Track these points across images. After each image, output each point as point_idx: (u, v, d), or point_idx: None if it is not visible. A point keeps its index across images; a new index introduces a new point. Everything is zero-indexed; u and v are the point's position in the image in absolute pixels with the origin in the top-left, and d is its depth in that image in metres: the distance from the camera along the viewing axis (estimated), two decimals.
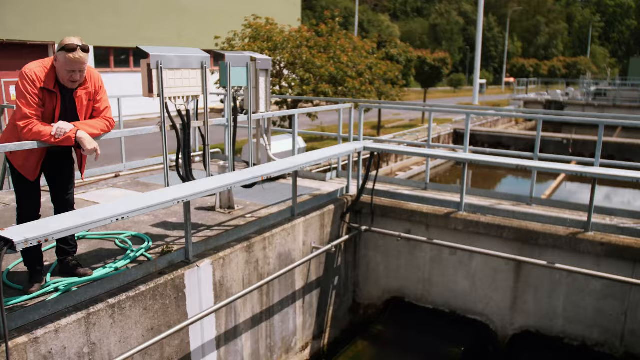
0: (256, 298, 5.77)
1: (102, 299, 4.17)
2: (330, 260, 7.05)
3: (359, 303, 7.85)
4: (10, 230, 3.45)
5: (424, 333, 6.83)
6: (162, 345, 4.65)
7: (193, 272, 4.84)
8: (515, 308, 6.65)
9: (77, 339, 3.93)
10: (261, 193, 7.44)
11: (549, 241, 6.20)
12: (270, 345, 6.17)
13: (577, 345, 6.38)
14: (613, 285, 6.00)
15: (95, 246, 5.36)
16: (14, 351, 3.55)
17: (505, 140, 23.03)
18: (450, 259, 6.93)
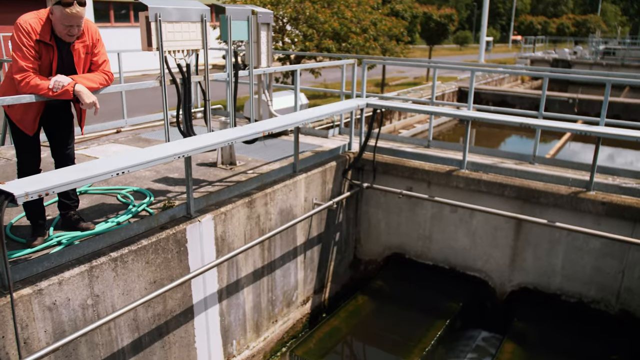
0: (258, 253, 5.83)
1: (104, 252, 4.21)
2: (331, 217, 7.09)
3: (360, 259, 7.94)
4: (11, 184, 3.45)
5: (424, 288, 6.92)
6: (165, 297, 4.73)
7: (194, 226, 4.88)
8: (514, 265, 6.71)
9: (80, 291, 3.99)
10: (263, 149, 7.42)
11: (550, 200, 6.20)
12: (272, 299, 6.27)
13: (573, 302, 6.47)
14: (612, 244, 6.03)
15: (97, 201, 5.39)
16: (18, 302, 3.61)
17: (510, 99, 22.80)
18: (451, 217, 6.96)
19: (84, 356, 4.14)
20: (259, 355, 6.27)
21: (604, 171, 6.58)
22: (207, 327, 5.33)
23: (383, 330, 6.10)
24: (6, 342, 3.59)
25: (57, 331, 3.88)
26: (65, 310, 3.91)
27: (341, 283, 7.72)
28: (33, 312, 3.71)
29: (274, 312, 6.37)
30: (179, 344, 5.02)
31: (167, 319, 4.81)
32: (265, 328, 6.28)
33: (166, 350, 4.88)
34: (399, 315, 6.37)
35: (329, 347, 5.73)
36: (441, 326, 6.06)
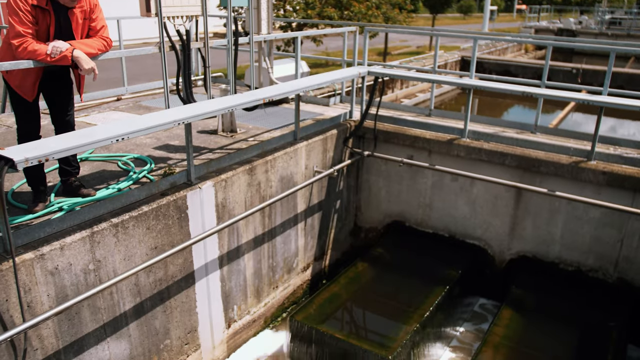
0: (258, 220, 5.87)
1: (105, 218, 4.23)
2: (332, 184, 7.10)
3: (360, 226, 7.98)
4: (11, 149, 3.45)
5: (423, 256, 6.97)
6: (166, 263, 4.78)
7: (195, 193, 4.89)
8: (514, 234, 6.75)
9: (82, 256, 4.03)
10: (264, 117, 7.39)
11: (551, 169, 6.19)
12: (272, 265, 6.33)
13: (571, 271, 6.52)
14: (611, 214, 6.05)
15: (98, 168, 5.40)
16: (21, 267, 3.65)
17: (513, 69, 22.57)
18: (452, 185, 6.97)
19: (87, 320, 4.21)
20: (259, 321, 6.36)
21: (606, 141, 6.55)
22: (208, 293, 5.39)
23: (382, 297, 6.17)
24: (10, 306, 3.65)
25: (60, 295, 3.93)
26: (67, 275, 3.95)
27: (341, 250, 7.78)
28: (35, 277, 3.75)
29: (274, 278, 6.44)
30: (181, 308, 5.09)
31: (169, 284, 4.87)
32: (266, 294, 6.36)
33: (168, 315, 4.95)
34: (398, 282, 6.44)
35: (328, 313, 5.80)
36: (440, 293, 6.12)
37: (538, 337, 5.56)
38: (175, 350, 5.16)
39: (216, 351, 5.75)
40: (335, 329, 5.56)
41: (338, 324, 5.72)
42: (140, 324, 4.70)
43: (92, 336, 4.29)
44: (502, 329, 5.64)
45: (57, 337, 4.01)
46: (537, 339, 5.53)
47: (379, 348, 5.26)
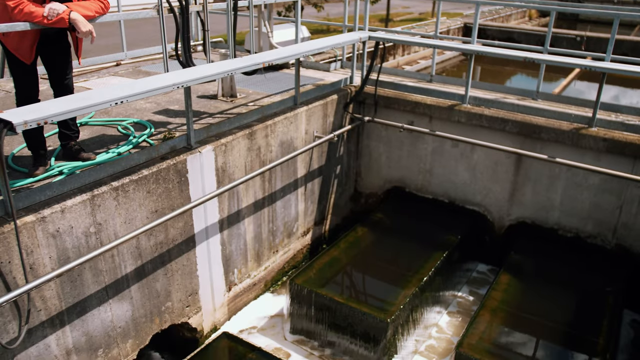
0: (258, 184, 5.88)
1: (105, 182, 4.25)
2: (332, 150, 7.10)
3: (361, 192, 8.01)
4: (10, 112, 3.44)
5: (423, 221, 7.01)
6: (167, 226, 4.81)
7: (195, 157, 4.89)
8: (513, 200, 6.77)
9: (83, 219, 4.05)
10: (264, 82, 7.34)
11: (552, 136, 6.17)
12: (273, 229, 6.38)
13: (570, 237, 6.56)
14: (611, 181, 6.05)
15: (98, 132, 5.39)
16: (22, 229, 3.68)
17: (516, 36, 22.23)
18: (452, 151, 6.96)
19: (89, 282, 4.26)
20: (260, 284, 6.45)
21: (608, 108, 6.51)
22: (209, 256, 5.45)
23: (382, 261, 6.23)
24: (12, 267, 3.69)
25: (62, 257, 3.97)
26: (68, 238, 3.99)
27: (342, 215, 7.83)
28: (37, 239, 3.78)
29: (274, 242, 6.50)
30: (182, 271, 5.15)
31: (169, 248, 4.91)
32: (266, 258, 6.43)
33: (169, 278, 5.02)
34: (398, 246, 6.49)
35: (328, 276, 5.87)
36: (439, 258, 6.18)
37: (535, 302, 5.64)
38: (176, 312, 5.24)
39: (217, 314, 5.85)
40: (335, 292, 5.63)
41: (338, 288, 5.79)
42: (142, 286, 4.76)
43: (95, 298, 4.36)
44: (500, 294, 5.70)
45: (60, 299, 4.07)
46: (534, 304, 5.61)
47: (377, 311, 5.34)
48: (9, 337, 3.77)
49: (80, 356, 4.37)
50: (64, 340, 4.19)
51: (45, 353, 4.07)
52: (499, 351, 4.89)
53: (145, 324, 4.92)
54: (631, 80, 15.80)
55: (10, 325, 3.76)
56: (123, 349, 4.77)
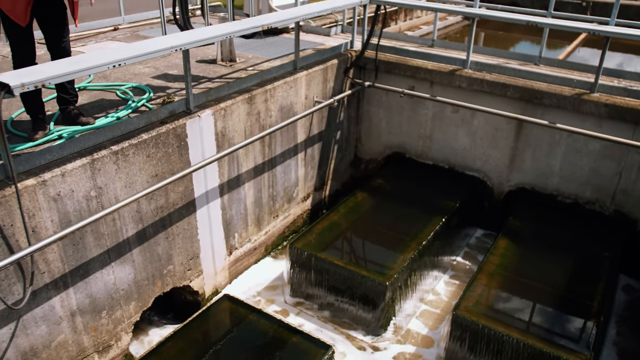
0: (258, 149, 5.88)
1: (105, 146, 4.25)
2: (332, 115, 7.07)
3: (361, 158, 8.01)
4: (6, 74, 3.42)
5: (422, 187, 7.03)
6: (167, 191, 4.84)
7: (194, 121, 4.88)
8: (513, 166, 6.77)
9: (83, 183, 4.07)
10: (263, 47, 7.26)
11: (553, 101, 6.13)
12: (273, 194, 6.41)
13: (569, 203, 6.59)
14: (611, 147, 6.04)
15: (96, 97, 5.36)
16: (24, 192, 3.70)
17: (520, 1, 21.84)
18: (453, 117, 6.93)
19: (91, 245, 4.31)
20: (260, 248, 6.52)
21: (611, 73, 6.44)
22: (209, 220, 5.49)
23: (381, 226, 6.27)
24: (15, 230, 3.73)
25: (63, 221, 4.01)
26: (69, 201, 4.01)
27: (342, 181, 7.85)
28: (39, 202, 3.81)
29: (274, 207, 6.54)
30: (183, 235, 5.20)
31: (170, 212, 4.95)
32: (267, 222, 6.48)
33: (170, 242, 5.07)
34: (397, 211, 6.52)
35: (328, 241, 5.92)
36: (438, 223, 6.22)
37: (532, 266, 5.70)
38: (178, 275, 5.31)
39: (218, 277, 5.93)
40: (334, 256, 5.69)
41: (337, 252, 5.85)
42: (143, 249, 4.82)
43: (97, 261, 4.41)
44: (498, 258, 5.76)
45: (63, 262, 4.12)
46: (531, 268, 5.67)
47: (376, 274, 5.41)
48: (14, 298, 3.83)
49: (85, 317, 4.45)
50: (68, 302, 4.26)
51: (50, 314, 4.15)
52: (495, 314, 4.98)
53: (148, 286, 4.99)
54: (636, 47, 15.57)
55: (15, 287, 3.83)
56: (126, 311, 4.85)
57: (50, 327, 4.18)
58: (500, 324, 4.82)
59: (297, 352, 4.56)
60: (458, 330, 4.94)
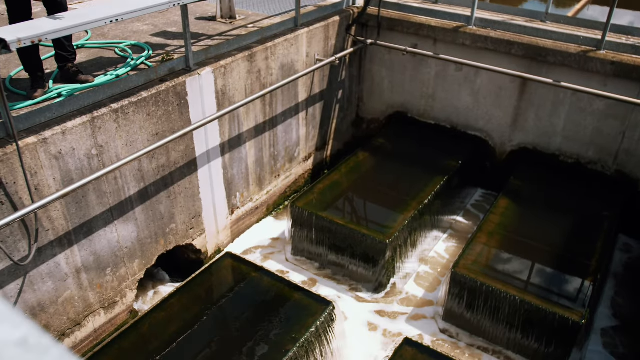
0: (259, 108, 5.85)
1: (105, 104, 4.23)
2: (334, 74, 6.99)
3: (363, 117, 7.96)
4: (3, 29, 3.38)
5: (424, 146, 7.01)
6: (168, 149, 4.83)
7: (194, 79, 4.84)
8: (516, 125, 6.73)
9: (84, 141, 4.07)
10: (263, 3, 7.13)
11: (558, 59, 6.04)
12: (274, 154, 6.41)
13: (571, 163, 6.58)
14: (616, 106, 5.98)
15: (95, 55, 5.31)
16: (25, 150, 3.70)
17: None
18: (456, 75, 6.85)
19: (94, 203, 4.34)
20: (262, 208, 6.56)
21: (619, 30, 6.31)
22: (211, 180, 5.51)
23: (382, 185, 6.29)
24: (18, 188, 3.75)
25: (66, 179, 4.02)
26: (71, 160, 4.02)
27: (343, 141, 7.83)
28: (40, 161, 3.82)
29: (276, 167, 6.55)
30: (184, 194, 5.23)
31: (172, 171, 4.96)
32: (268, 182, 6.50)
33: (172, 200, 5.10)
34: (399, 171, 6.52)
35: (329, 200, 5.95)
36: (439, 182, 6.23)
37: (532, 226, 5.73)
38: (180, 234, 5.37)
39: (220, 236, 5.99)
40: (335, 215, 5.72)
41: (338, 211, 5.88)
42: (146, 208, 4.85)
43: (100, 219, 4.45)
44: (498, 217, 5.79)
45: (67, 219, 4.16)
46: (530, 227, 5.70)
47: (377, 233, 5.46)
48: (20, 255, 3.89)
49: (90, 274, 4.53)
50: (72, 259, 4.33)
51: (55, 271, 4.22)
52: (494, 272, 5.04)
53: (151, 244, 5.05)
54: None
55: (20, 244, 3.88)
56: (130, 269, 4.93)
57: (56, 284, 4.25)
58: (498, 281, 4.89)
59: (298, 308, 4.65)
60: (457, 288, 5.01)
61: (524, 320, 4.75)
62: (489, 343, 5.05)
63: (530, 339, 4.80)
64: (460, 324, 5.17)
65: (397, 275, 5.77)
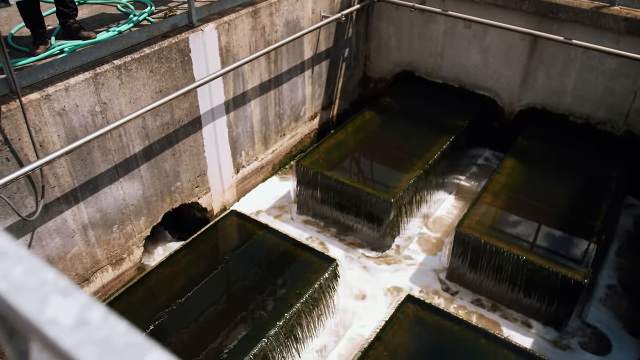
0: (264, 65, 5.78)
1: (107, 60, 4.19)
2: (340, 31, 6.87)
3: (369, 76, 7.86)
4: None
5: (432, 106, 6.92)
6: (172, 107, 4.81)
7: (197, 36, 4.78)
8: (525, 85, 6.63)
9: (87, 97, 4.06)
10: None
11: (570, 15, 5.89)
12: (279, 113, 6.37)
13: (580, 123, 6.49)
14: (628, 64, 5.85)
15: (97, 11, 5.24)
16: (28, 107, 3.70)
17: None
18: (464, 33, 6.71)
19: (99, 161, 4.36)
20: (267, 167, 6.56)
21: None
22: (216, 138, 5.50)
23: (388, 145, 6.25)
24: (23, 144, 3.77)
25: (70, 136, 4.03)
26: (75, 116, 4.02)
27: (350, 100, 7.76)
28: (44, 117, 3.82)
29: (281, 126, 6.52)
30: (189, 152, 5.23)
31: (176, 128, 4.95)
32: (274, 141, 6.48)
33: (177, 158, 5.11)
34: (405, 130, 6.47)
35: (334, 159, 5.93)
36: (445, 142, 6.18)
37: (538, 186, 5.70)
38: (186, 192, 5.40)
39: (226, 194, 6.02)
40: (340, 174, 5.72)
41: (343, 170, 5.87)
42: (151, 166, 4.87)
43: (106, 176, 4.48)
44: (504, 177, 5.76)
45: (72, 176, 4.19)
46: (537, 188, 5.67)
47: (381, 192, 5.46)
48: (27, 211, 3.94)
49: (97, 231, 4.58)
50: (79, 215, 4.38)
51: (63, 227, 4.27)
52: (497, 232, 5.05)
53: (157, 202, 5.09)
54: None
55: (27, 200, 3.92)
56: (137, 226, 4.98)
57: (64, 240, 4.31)
58: (502, 241, 4.90)
59: (302, 264, 4.70)
60: (460, 247, 5.04)
61: (526, 279, 4.78)
62: (491, 301, 5.11)
63: (533, 298, 4.84)
64: (463, 282, 5.22)
65: (402, 234, 5.80)
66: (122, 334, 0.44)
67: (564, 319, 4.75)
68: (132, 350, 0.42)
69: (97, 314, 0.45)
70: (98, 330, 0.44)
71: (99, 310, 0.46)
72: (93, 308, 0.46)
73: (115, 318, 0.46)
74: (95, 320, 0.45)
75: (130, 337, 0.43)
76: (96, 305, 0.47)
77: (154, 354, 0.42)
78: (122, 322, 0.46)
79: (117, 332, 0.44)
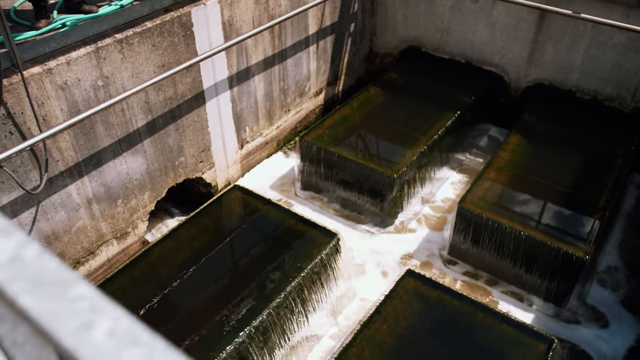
0: (268, 40, 5.75)
1: (109, 34, 4.19)
2: (346, 6, 6.79)
3: (376, 52, 7.79)
4: None
5: (438, 81, 6.87)
6: (175, 81, 4.81)
7: (200, 9, 4.75)
8: (532, 60, 6.54)
9: (89, 72, 4.07)
10: None
11: None
12: (284, 88, 6.35)
13: (587, 99, 6.42)
14: (638, 39, 5.76)
15: None
16: (30, 80, 3.72)
17: None
18: (471, 7, 6.61)
19: (102, 135, 4.39)
20: (272, 143, 6.57)
21: None
22: (219, 113, 5.50)
23: (393, 121, 6.22)
24: (26, 118, 3.80)
25: (72, 110, 4.06)
26: (77, 90, 4.04)
27: (355, 76, 7.71)
28: (47, 91, 3.84)
29: (286, 101, 6.50)
30: (193, 127, 5.25)
31: (179, 103, 4.96)
32: (278, 117, 6.48)
33: (180, 133, 5.13)
34: (410, 106, 6.43)
35: (338, 134, 5.92)
36: (450, 118, 6.14)
37: (542, 163, 5.66)
38: (190, 167, 5.43)
39: (230, 170, 6.04)
40: (344, 149, 5.72)
41: (347, 145, 5.86)
42: (154, 140, 4.89)
43: (109, 151, 4.51)
44: (508, 154, 5.73)
45: (76, 150, 4.22)
46: (541, 164, 5.64)
47: (385, 167, 5.46)
48: (31, 184, 3.99)
49: (101, 205, 4.64)
50: (83, 189, 4.42)
51: (67, 201, 4.33)
52: (500, 208, 5.04)
53: (160, 177, 5.13)
54: None
55: (31, 173, 3.96)
56: (141, 200, 5.03)
57: (69, 213, 4.37)
58: (504, 217, 4.89)
59: (304, 238, 4.73)
60: (463, 223, 5.04)
61: (528, 255, 4.78)
62: (493, 277, 5.13)
63: (534, 274, 4.85)
64: (465, 258, 5.24)
65: (405, 210, 5.81)
66: (53, 270, 0.45)
67: (565, 295, 4.76)
68: (58, 285, 0.44)
69: (31, 252, 0.47)
70: (30, 265, 0.46)
71: (34, 247, 0.48)
72: (28, 246, 0.47)
73: (49, 255, 0.47)
74: (28, 257, 0.47)
75: (60, 272, 0.45)
76: (32, 244, 0.48)
77: (80, 288, 0.44)
78: (54, 258, 0.47)
79: (47, 268, 0.45)
